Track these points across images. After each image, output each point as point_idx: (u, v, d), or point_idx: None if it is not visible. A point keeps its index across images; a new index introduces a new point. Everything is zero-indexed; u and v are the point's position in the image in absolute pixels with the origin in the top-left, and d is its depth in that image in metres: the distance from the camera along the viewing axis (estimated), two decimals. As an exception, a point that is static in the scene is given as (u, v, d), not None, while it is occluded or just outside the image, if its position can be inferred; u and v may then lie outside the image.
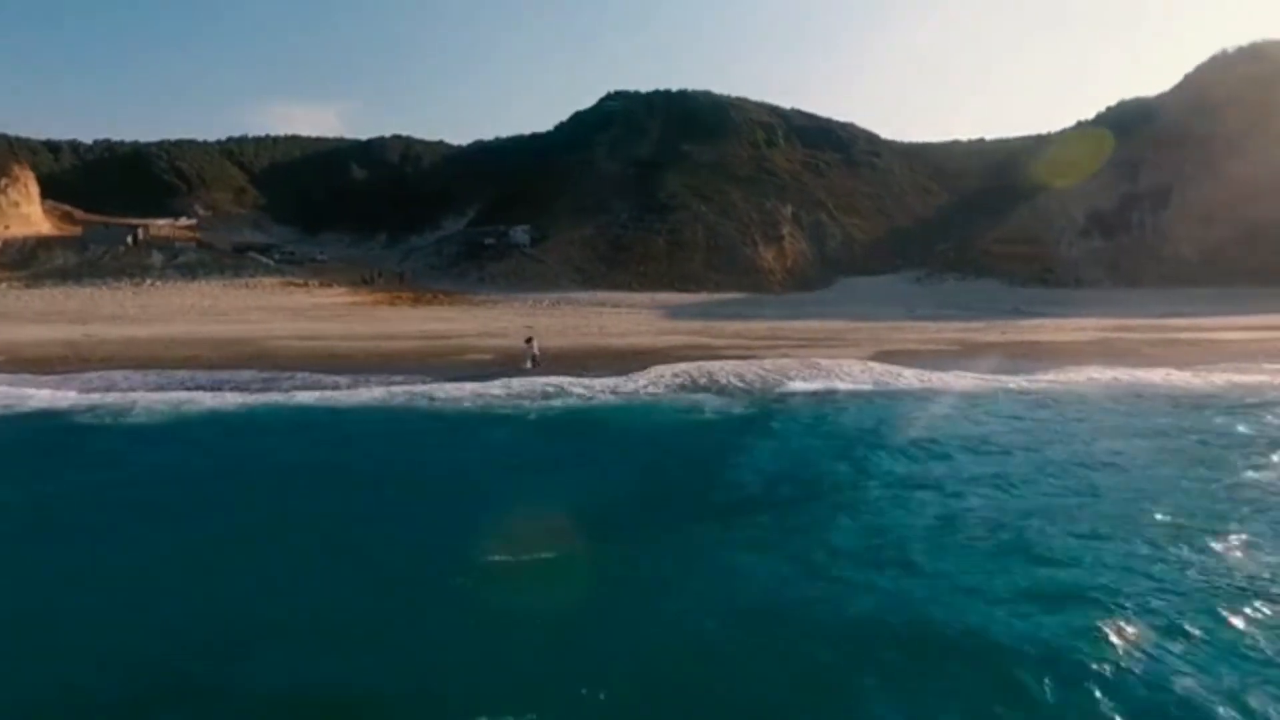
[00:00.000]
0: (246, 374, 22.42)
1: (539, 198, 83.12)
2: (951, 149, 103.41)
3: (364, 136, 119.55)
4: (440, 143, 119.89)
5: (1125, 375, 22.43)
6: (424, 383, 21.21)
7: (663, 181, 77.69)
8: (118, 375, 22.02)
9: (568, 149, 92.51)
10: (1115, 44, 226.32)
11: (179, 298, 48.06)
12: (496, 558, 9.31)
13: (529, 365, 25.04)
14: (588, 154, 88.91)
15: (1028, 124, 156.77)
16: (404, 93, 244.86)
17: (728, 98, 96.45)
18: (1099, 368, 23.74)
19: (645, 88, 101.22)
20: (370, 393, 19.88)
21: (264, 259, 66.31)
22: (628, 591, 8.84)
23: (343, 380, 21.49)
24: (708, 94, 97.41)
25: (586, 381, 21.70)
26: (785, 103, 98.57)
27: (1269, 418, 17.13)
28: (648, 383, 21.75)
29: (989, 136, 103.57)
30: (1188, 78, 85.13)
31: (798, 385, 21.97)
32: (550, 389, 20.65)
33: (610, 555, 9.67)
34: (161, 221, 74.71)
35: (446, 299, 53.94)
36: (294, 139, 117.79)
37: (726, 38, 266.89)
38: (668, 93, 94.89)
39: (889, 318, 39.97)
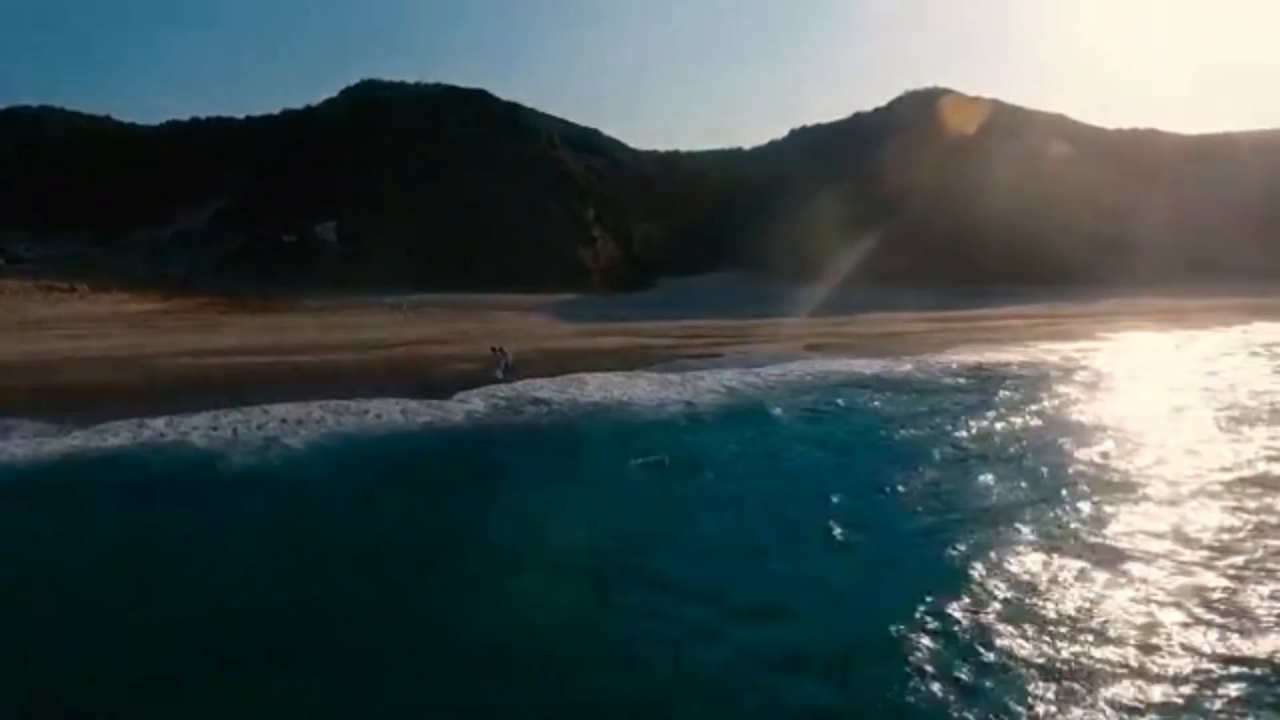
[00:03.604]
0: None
1: (319, 190, 76.85)
2: (694, 158, 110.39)
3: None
4: (108, 119, 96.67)
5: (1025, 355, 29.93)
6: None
7: (472, 179, 76.61)
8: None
9: (337, 138, 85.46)
10: (808, 71, 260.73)
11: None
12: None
13: (500, 374, 25.49)
14: (371, 145, 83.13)
15: (739, 138, 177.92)
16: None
17: (514, 102, 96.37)
18: (977, 348, 31.04)
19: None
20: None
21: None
22: None
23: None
24: (485, 93, 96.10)
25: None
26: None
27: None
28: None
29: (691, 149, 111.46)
30: (879, 110, 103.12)
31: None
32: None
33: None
34: None
35: (284, 305, 48.86)
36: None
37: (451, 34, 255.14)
38: (460, 89, 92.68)
39: (764, 315, 45.31)
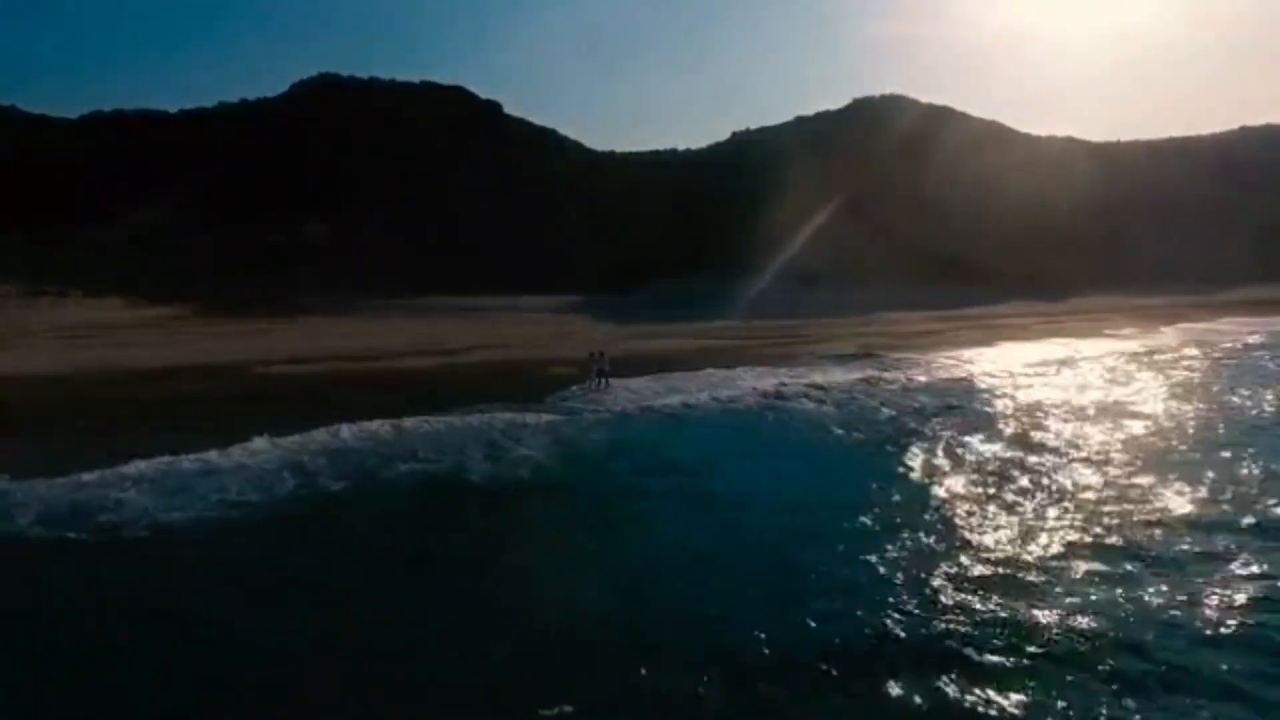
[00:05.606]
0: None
1: (296, 188, 75.28)
2: (642, 158, 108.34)
3: None
4: (13, 108, 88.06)
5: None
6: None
7: (458, 180, 76.31)
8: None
9: (306, 133, 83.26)
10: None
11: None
12: None
13: (598, 379, 26.12)
14: (350, 141, 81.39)
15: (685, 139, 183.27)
16: None
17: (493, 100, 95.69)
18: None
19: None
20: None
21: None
22: None
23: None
24: (464, 90, 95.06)
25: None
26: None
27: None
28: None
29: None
30: (831, 114, 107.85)
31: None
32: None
33: None
34: None
35: (292, 309, 47.91)
36: None
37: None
38: (439, 85, 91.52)
39: (773, 316, 47.29)
